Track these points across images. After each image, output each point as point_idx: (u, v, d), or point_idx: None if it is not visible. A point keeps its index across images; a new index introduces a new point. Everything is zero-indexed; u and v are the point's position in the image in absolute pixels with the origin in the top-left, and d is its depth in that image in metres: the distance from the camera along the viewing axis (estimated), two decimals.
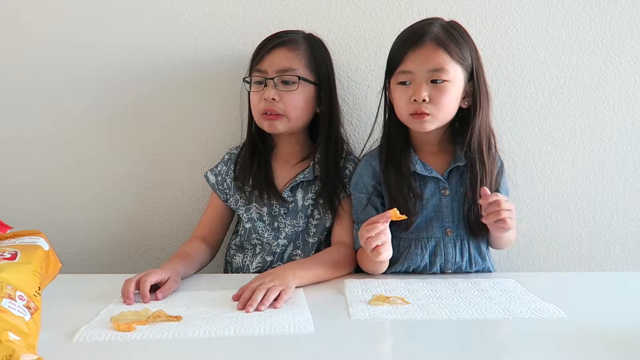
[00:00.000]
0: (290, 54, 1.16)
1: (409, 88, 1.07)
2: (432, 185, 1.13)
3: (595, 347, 0.74)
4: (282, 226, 1.22)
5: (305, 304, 0.91)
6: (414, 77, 1.06)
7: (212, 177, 1.27)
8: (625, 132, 1.40)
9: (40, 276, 0.83)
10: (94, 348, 0.74)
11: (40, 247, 0.88)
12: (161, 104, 1.38)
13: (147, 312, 0.85)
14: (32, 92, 1.37)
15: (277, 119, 1.16)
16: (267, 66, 1.16)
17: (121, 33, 1.35)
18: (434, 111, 1.06)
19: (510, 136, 1.40)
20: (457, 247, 1.12)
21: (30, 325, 0.70)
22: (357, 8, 1.35)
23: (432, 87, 1.05)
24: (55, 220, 1.39)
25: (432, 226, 1.12)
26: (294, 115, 1.16)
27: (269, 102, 1.14)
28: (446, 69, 1.05)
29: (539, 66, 1.37)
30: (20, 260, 0.80)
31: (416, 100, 1.05)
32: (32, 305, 0.73)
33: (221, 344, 0.76)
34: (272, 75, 1.15)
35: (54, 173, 1.39)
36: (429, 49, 1.05)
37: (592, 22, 1.36)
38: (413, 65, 1.06)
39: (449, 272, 1.12)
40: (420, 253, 1.11)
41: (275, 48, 1.16)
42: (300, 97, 1.16)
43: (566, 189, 1.41)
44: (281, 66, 1.15)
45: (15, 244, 0.86)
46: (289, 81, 1.15)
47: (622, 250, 1.43)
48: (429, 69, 1.05)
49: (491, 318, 0.85)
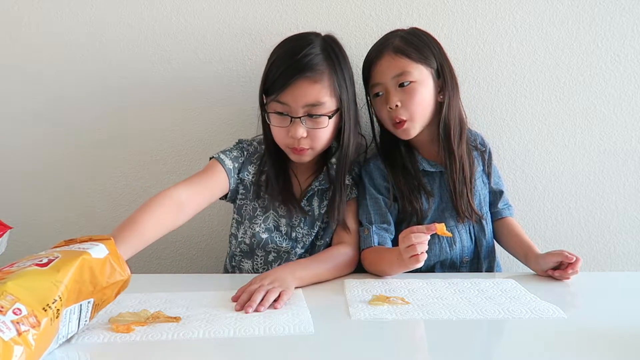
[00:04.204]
0: (316, 85, 1.07)
1: (382, 98, 1.16)
2: (438, 178, 1.20)
3: (595, 347, 0.74)
4: (300, 236, 1.19)
5: (305, 304, 0.91)
6: (384, 87, 1.15)
7: (229, 162, 1.16)
8: (625, 132, 1.40)
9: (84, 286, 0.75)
10: (93, 349, 0.74)
11: (87, 254, 0.76)
12: (162, 104, 1.37)
13: (146, 313, 0.84)
14: (31, 92, 1.37)
15: (304, 152, 1.12)
16: (290, 100, 1.07)
17: (121, 33, 1.35)
18: (408, 115, 1.13)
19: (510, 136, 1.40)
20: (467, 232, 1.21)
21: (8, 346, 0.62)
22: (357, 8, 1.35)
23: (401, 91, 1.13)
24: (55, 221, 1.39)
25: (445, 216, 1.19)
26: (321, 146, 1.13)
27: (296, 139, 1.09)
28: (409, 71, 1.12)
29: (539, 66, 1.37)
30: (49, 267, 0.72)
31: (391, 108, 1.13)
32: (29, 321, 0.65)
33: (221, 345, 0.76)
34: (299, 113, 1.08)
35: (53, 173, 1.39)
36: (389, 57, 1.14)
37: (592, 22, 1.36)
38: (379, 76, 1.15)
39: (467, 259, 1.20)
40: (438, 242, 1.18)
41: (298, 80, 1.06)
42: (328, 130, 1.11)
43: (566, 189, 1.41)
44: (308, 100, 1.07)
45: (66, 250, 0.78)
46: (316, 115, 1.08)
47: (622, 250, 1.43)
48: (393, 75, 1.13)
49: (491, 318, 0.85)
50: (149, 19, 1.35)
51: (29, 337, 0.65)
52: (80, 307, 0.75)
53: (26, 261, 0.74)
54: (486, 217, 1.23)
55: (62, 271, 0.72)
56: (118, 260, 0.81)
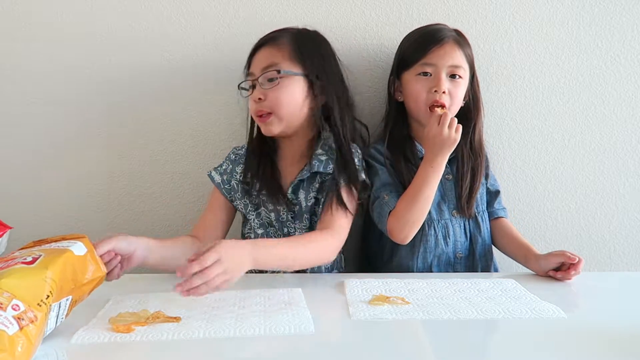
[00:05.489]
0: (272, 50, 1.14)
1: (429, 80, 1.18)
2: None
3: (595, 347, 0.74)
4: (292, 231, 1.18)
5: (305, 304, 0.91)
6: (437, 70, 1.17)
7: (217, 177, 1.22)
8: (625, 132, 1.40)
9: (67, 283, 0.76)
10: (93, 350, 0.74)
11: (70, 251, 0.79)
12: (162, 104, 1.37)
13: (146, 313, 0.84)
14: (31, 92, 1.36)
15: (268, 119, 1.13)
16: (253, 68, 1.15)
17: (121, 33, 1.35)
18: (449, 103, 1.17)
19: (510, 136, 1.40)
20: (462, 227, 1.22)
21: (12, 340, 0.64)
22: (357, 9, 1.35)
23: (450, 81, 1.18)
24: (54, 221, 1.39)
25: (441, 209, 1.21)
26: (284, 111, 1.12)
27: (257, 102, 1.13)
28: (462, 67, 1.18)
29: (539, 66, 1.37)
30: (37, 265, 0.74)
31: (437, 91, 1.16)
32: (28, 316, 0.67)
33: (221, 345, 0.76)
34: (257, 74, 1.13)
35: (52, 173, 1.39)
36: (451, 46, 1.18)
37: (592, 22, 1.36)
38: (437, 58, 1.17)
39: (461, 255, 1.21)
40: (434, 234, 1.20)
41: (259, 48, 1.15)
42: (285, 91, 1.12)
43: (566, 189, 1.41)
44: (263, 64, 1.13)
45: (46, 248, 0.80)
46: (272, 78, 1.12)
47: (622, 250, 1.43)
48: (450, 64, 1.17)
49: (491, 318, 0.85)
50: (149, 19, 1.35)
51: (29, 332, 0.66)
52: (59, 304, 0.76)
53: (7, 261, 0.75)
54: (482, 215, 1.24)
55: (51, 268, 0.74)
56: (96, 258, 0.83)
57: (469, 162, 1.23)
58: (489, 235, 1.26)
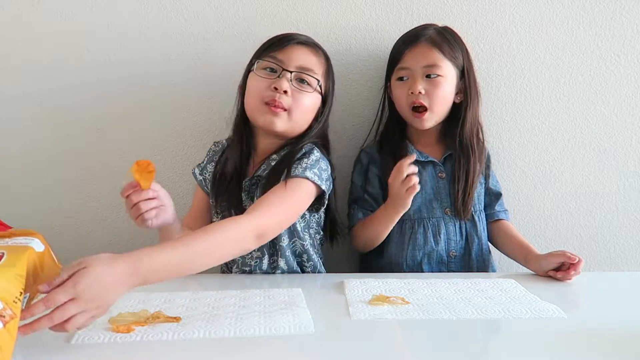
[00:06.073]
0: (313, 57, 1.13)
1: (406, 83, 1.19)
2: (430, 169, 1.24)
3: (595, 347, 0.74)
4: None
5: (305, 304, 0.91)
6: (411, 73, 1.18)
7: (199, 173, 1.22)
8: (625, 132, 1.40)
9: (27, 280, 0.75)
10: (93, 350, 0.74)
11: (31, 248, 0.77)
12: (162, 104, 1.37)
13: (146, 313, 0.84)
14: (31, 92, 1.37)
15: (280, 113, 1.08)
16: (286, 58, 1.10)
17: (121, 33, 1.35)
18: (429, 103, 1.17)
19: (511, 136, 1.40)
20: (457, 226, 1.22)
21: (3, 338, 0.64)
22: (357, 9, 1.35)
23: (427, 81, 1.17)
24: (53, 220, 1.39)
25: (433, 207, 1.22)
26: (298, 116, 1.10)
27: (278, 93, 1.07)
28: (439, 65, 1.17)
29: (539, 66, 1.37)
30: (4, 262, 0.72)
31: (413, 92, 1.17)
32: (7, 314, 0.66)
33: (221, 345, 0.75)
34: (291, 69, 1.09)
35: (52, 173, 1.39)
36: (424, 47, 1.18)
37: (592, 22, 1.36)
38: (410, 61, 1.19)
39: (454, 253, 1.21)
40: (423, 232, 1.20)
41: (299, 45, 1.13)
42: (310, 102, 1.12)
43: (566, 189, 1.41)
44: (303, 63, 1.10)
45: (4, 245, 0.78)
46: (306, 81, 1.10)
47: (622, 250, 1.43)
48: (423, 65, 1.17)
49: (491, 318, 0.85)
50: (149, 19, 1.35)
51: (12, 329, 0.66)
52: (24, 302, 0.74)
53: None
54: (480, 215, 1.24)
55: (19, 265, 0.73)
56: (51, 255, 0.82)
57: (465, 162, 1.21)
58: (486, 235, 1.25)
